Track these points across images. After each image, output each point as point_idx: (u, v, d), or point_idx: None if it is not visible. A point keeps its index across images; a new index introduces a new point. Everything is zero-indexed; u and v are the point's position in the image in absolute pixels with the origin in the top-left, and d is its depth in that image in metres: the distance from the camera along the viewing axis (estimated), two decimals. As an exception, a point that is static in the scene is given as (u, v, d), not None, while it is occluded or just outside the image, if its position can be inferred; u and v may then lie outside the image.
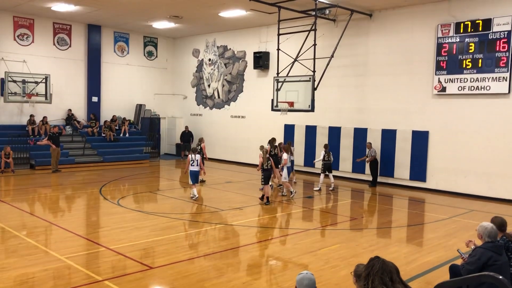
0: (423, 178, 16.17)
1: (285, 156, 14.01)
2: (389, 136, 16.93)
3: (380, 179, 17.11)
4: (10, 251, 8.12)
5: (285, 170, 13.93)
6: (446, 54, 15.38)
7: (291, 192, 13.94)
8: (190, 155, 13.38)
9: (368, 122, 17.56)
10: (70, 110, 21.72)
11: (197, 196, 13.33)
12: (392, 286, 3.26)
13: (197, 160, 13.25)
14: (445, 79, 15.41)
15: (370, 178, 16.97)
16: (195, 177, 13.27)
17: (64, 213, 11.83)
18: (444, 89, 15.45)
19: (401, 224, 11.34)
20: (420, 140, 16.16)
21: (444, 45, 15.41)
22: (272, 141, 15.02)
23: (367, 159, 16.64)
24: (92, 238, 9.13)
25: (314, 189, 15.58)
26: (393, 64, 16.77)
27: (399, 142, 16.67)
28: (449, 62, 15.31)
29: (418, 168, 16.25)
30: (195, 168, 13.25)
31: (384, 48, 17.03)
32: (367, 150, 16.68)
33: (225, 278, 6.98)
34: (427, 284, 6.85)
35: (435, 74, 15.62)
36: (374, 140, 17.28)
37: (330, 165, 15.72)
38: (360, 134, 17.68)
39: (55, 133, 18.44)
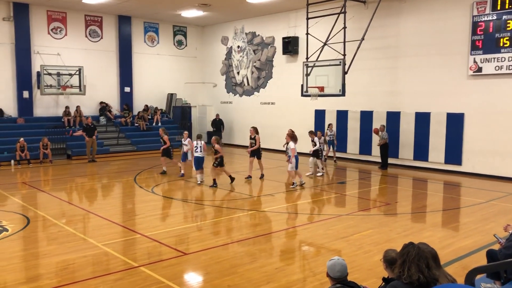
0: (458, 162, 15.79)
1: (292, 145, 13.31)
2: (422, 119, 16.56)
3: (414, 163, 16.84)
4: (51, 238, 8.42)
5: (293, 160, 13.32)
6: (482, 33, 14.85)
7: (293, 182, 13.39)
8: (195, 141, 13.85)
9: (401, 105, 17.22)
10: (103, 102, 22.14)
11: (202, 181, 13.69)
12: (429, 272, 3.20)
13: (201, 146, 13.51)
14: (481, 59, 14.90)
15: (406, 163, 16.71)
16: (198, 163, 13.56)
17: (100, 202, 12.14)
18: (480, 69, 14.96)
19: (436, 209, 11.13)
20: (455, 122, 15.75)
21: (480, 23, 14.88)
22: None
23: (377, 142, 16.79)
24: (128, 225, 9.36)
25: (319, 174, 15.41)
26: (426, 45, 16.33)
27: (433, 125, 16.29)
28: (485, 41, 14.79)
29: (453, 151, 15.86)
30: (199, 154, 13.50)
31: (416, 29, 16.59)
32: (380, 133, 16.67)
33: (258, 263, 7.05)
34: (463, 269, 6.71)
35: (470, 54, 15.13)
36: (408, 123, 16.96)
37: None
38: (393, 118, 17.37)
39: (89, 125, 18.88)
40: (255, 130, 15.04)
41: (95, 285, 6.17)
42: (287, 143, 13.43)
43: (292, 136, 13.66)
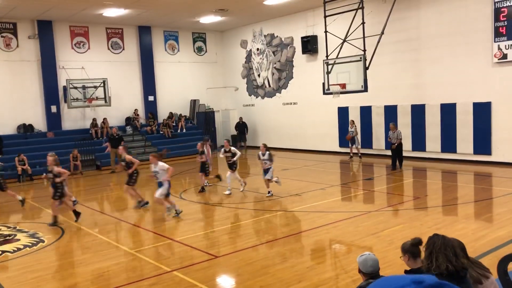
0: (488, 151, 15.46)
1: (163, 166, 10.51)
2: (448, 111, 16.29)
3: (441, 155, 16.57)
4: (85, 247, 8.63)
5: (166, 184, 10.47)
6: (505, 18, 14.53)
7: (174, 210, 10.53)
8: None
9: (425, 97, 16.97)
10: (136, 110, 22.56)
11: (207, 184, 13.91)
12: (457, 261, 3.17)
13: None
14: (505, 46, 14.57)
15: (434, 156, 16.47)
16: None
17: (131, 209, 12.34)
18: (505, 56, 14.63)
19: (467, 200, 10.92)
20: (482, 112, 15.43)
21: (502, 9, 14.56)
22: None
23: (392, 145, 15.53)
24: (158, 231, 9.50)
25: (226, 193, 12.86)
26: (447, 35, 16.06)
27: (460, 115, 16.00)
28: (509, 27, 14.46)
29: (482, 141, 15.54)
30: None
31: (437, 20, 16.34)
32: (390, 132, 15.63)
33: (288, 263, 7.06)
34: (498, 260, 6.58)
35: (494, 41, 14.81)
36: (433, 115, 16.70)
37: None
38: (418, 111, 17.14)
39: (113, 135, 19.18)
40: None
41: (130, 291, 6.30)
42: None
43: (160, 156, 11.02)
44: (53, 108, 20.63)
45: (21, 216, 12.08)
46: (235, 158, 12.69)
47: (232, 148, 12.89)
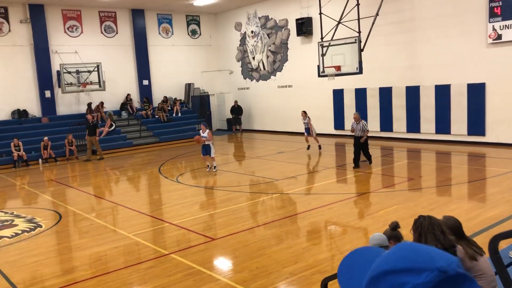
0: (482, 132, 15.57)
1: None
2: (443, 92, 16.33)
3: (436, 136, 16.65)
4: (83, 232, 8.70)
5: None
6: (500, -1, 14.49)
7: None
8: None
9: (420, 79, 16.99)
10: (129, 94, 22.45)
11: (209, 167, 13.82)
12: (444, 239, 3.27)
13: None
14: (500, 26, 14.56)
15: (428, 137, 16.54)
16: (204, 150, 13.65)
17: (127, 194, 12.42)
18: (499, 36, 14.62)
19: (461, 181, 11.04)
20: (476, 93, 15.48)
21: (497, -11, 14.51)
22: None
23: (362, 138, 12.73)
24: (155, 215, 9.58)
25: None
26: (442, 16, 16.01)
27: (454, 96, 16.05)
28: (503, 7, 14.42)
29: (476, 122, 15.63)
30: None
31: (431, 0, 16.27)
32: (354, 123, 12.84)
33: (284, 245, 7.16)
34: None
35: (489, 22, 14.78)
36: (428, 96, 16.73)
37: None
38: (412, 92, 17.17)
39: (89, 122, 18.57)
40: None
41: (128, 274, 6.38)
42: None
43: None
44: (47, 93, 20.51)
45: (18, 201, 12.13)
46: None
47: None
